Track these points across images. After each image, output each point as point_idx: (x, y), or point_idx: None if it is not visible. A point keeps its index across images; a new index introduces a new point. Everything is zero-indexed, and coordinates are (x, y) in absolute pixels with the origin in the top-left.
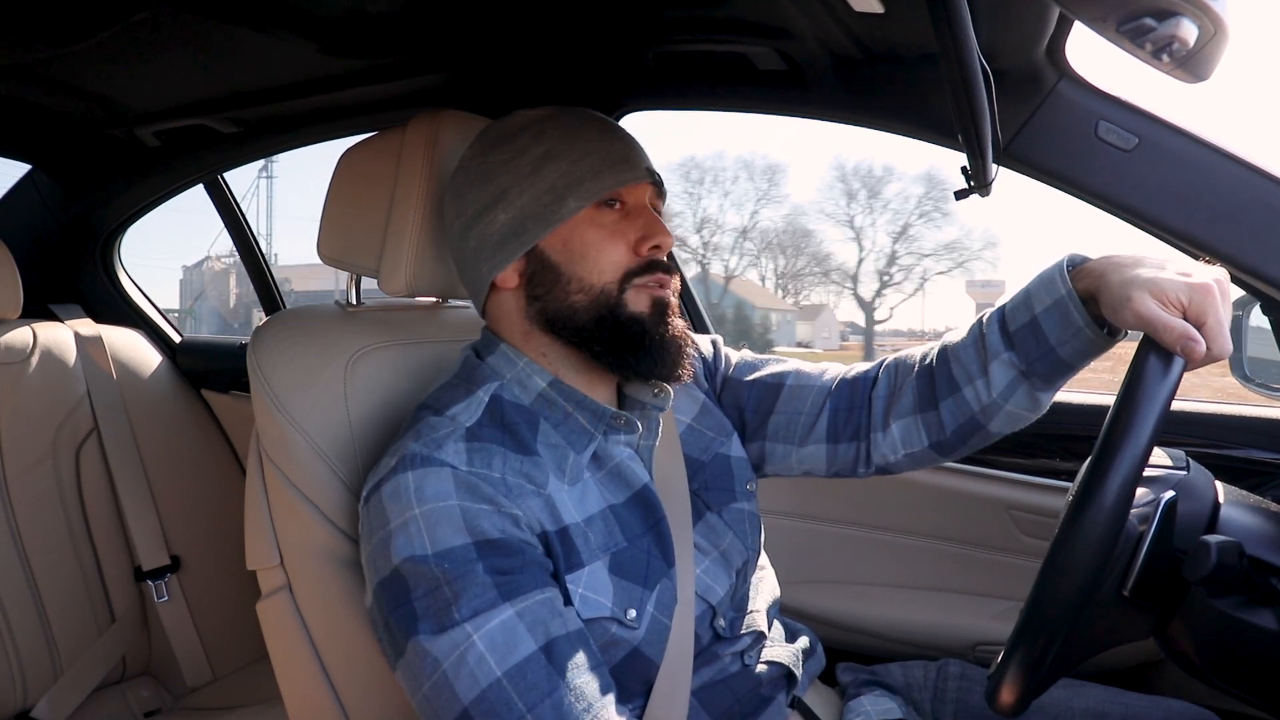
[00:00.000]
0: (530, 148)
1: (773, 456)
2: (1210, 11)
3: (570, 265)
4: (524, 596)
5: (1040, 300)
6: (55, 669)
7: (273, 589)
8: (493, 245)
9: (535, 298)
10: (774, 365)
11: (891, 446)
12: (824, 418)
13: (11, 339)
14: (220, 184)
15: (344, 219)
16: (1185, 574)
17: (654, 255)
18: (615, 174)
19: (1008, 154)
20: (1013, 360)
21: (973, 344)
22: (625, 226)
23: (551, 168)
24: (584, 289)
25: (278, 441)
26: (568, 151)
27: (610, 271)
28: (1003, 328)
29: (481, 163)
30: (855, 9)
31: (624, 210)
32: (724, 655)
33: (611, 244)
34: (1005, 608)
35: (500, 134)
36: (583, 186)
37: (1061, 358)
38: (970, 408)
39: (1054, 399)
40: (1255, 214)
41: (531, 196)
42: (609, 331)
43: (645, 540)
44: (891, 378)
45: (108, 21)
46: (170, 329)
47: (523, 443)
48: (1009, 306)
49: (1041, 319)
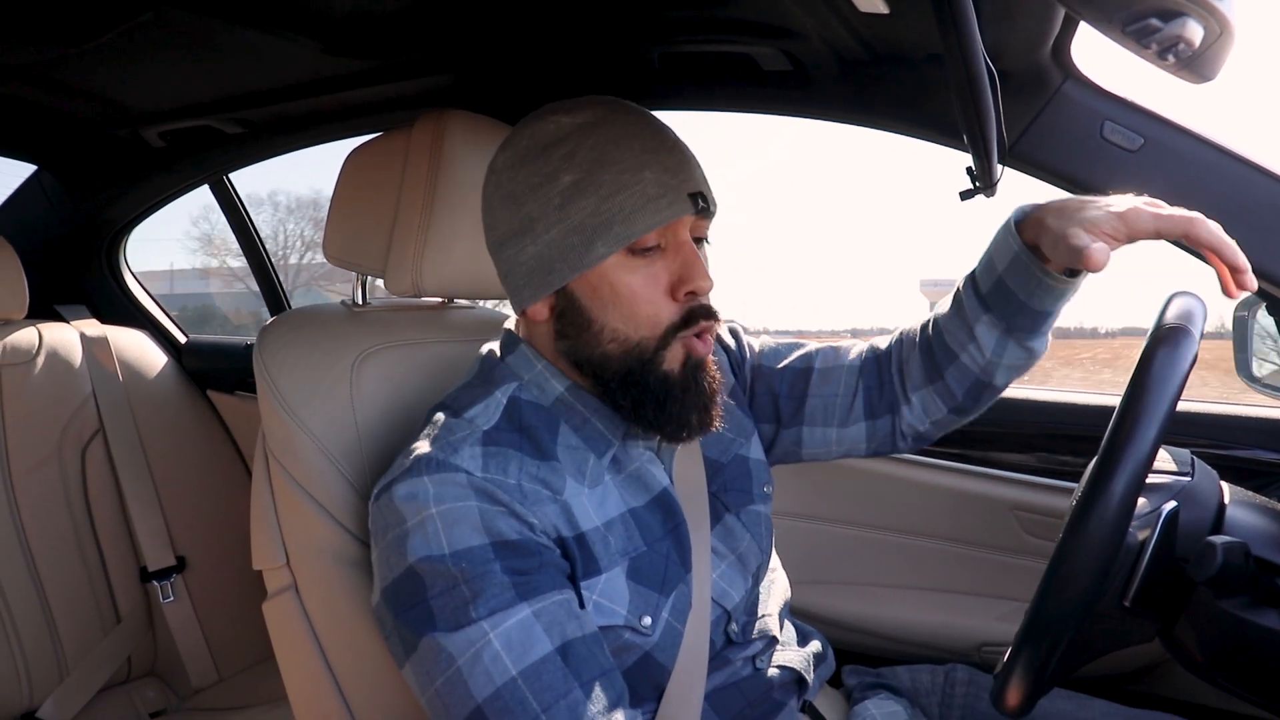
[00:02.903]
0: (560, 174)
1: (811, 441)
2: (1216, 12)
3: (603, 312)
4: (541, 597)
5: (1000, 260)
6: (61, 669)
7: (278, 589)
8: (522, 275)
9: (565, 336)
10: (799, 349)
11: (918, 417)
12: (860, 397)
13: (17, 339)
14: (225, 184)
15: (350, 219)
16: (1191, 574)
17: (691, 301)
18: (647, 216)
19: (1013, 154)
20: (993, 321)
21: (955, 313)
22: (659, 270)
23: (580, 203)
24: (617, 339)
25: (283, 442)
26: (598, 185)
27: (648, 326)
28: (976, 291)
29: (511, 179)
30: (860, 9)
31: (660, 250)
32: (736, 660)
33: (645, 294)
34: (1010, 608)
35: (531, 146)
36: (612, 230)
37: (1035, 309)
38: (971, 371)
39: (1060, 399)
40: (1261, 214)
41: (559, 234)
42: (635, 389)
43: (664, 545)
44: (899, 352)
45: (113, 22)
46: (176, 329)
47: (541, 447)
48: (977, 270)
49: (1005, 278)
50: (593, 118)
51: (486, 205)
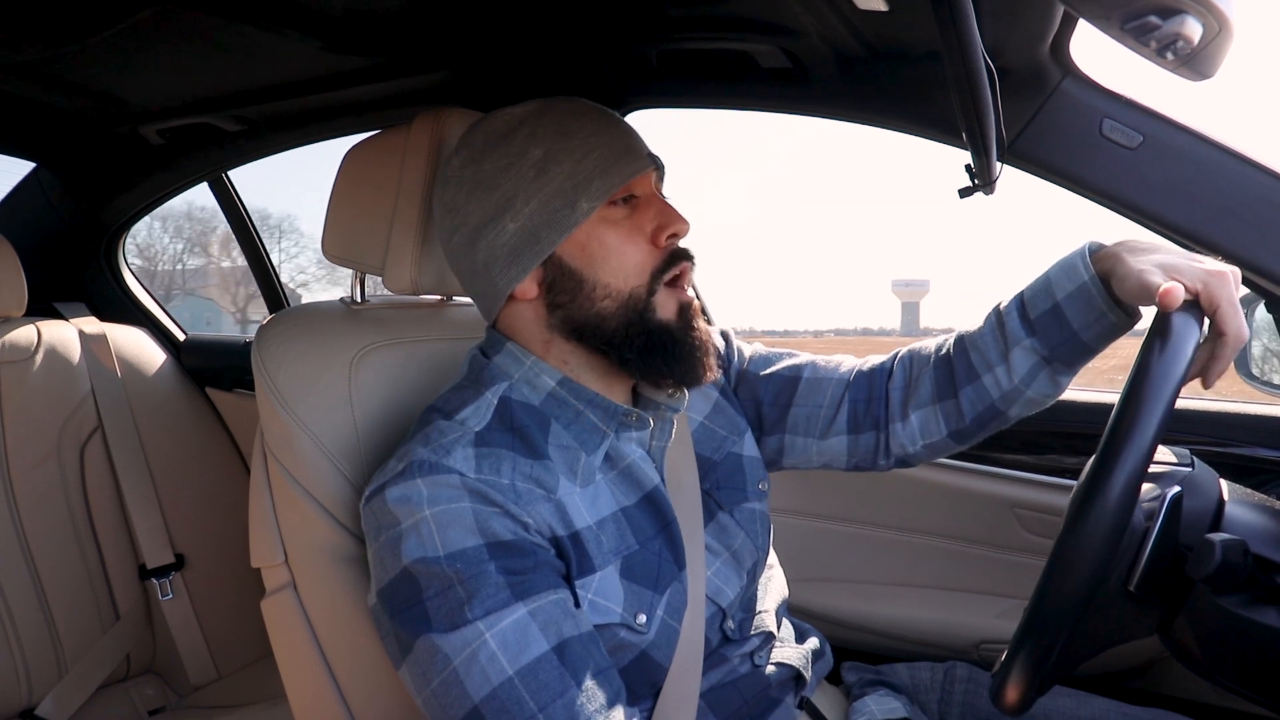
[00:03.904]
0: (528, 149)
1: (792, 450)
2: (1215, 9)
3: (592, 270)
4: (537, 596)
5: (1062, 286)
6: (60, 667)
7: (277, 586)
8: (506, 256)
9: (558, 306)
10: (789, 358)
11: (910, 437)
12: (844, 410)
13: (16, 337)
14: (224, 182)
15: (348, 217)
16: (1190, 572)
17: (672, 244)
18: (622, 167)
19: (1012, 152)
20: (1035, 346)
21: (991, 332)
22: (639, 219)
23: (556, 170)
24: (611, 294)
25: (282, 439)
26: (569, 150)
27: (636, 273)
28: (1023, 314)
29: (476, 171)
30: (860, 7)
31: (634, 202)
32: (733, 657)
33: (631, 242)
34: (1009, 606)
35: (490, 138)
36: (592, 186)
37: (1084, 341)
38: (990, 395)
39: (1060, 397)
40: (1260, 211)
41: (540, 202)
42: (639, 339)
43: (656, 543)
44: (907, 369)
45: (112, 19)
46: (175, 327)
47: (533, 446)
48: (1028, 293)
49: (1064, 304)
50: (540, 105)
51: (448, 206)
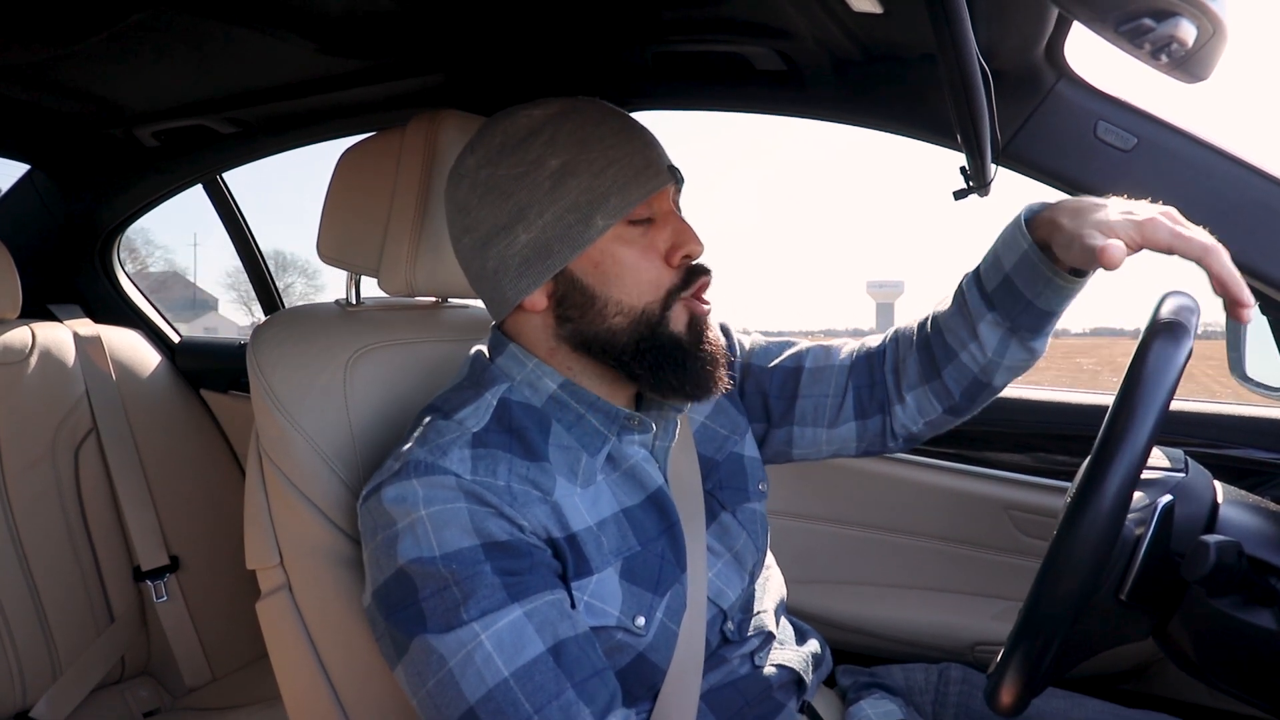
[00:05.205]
0: (545, 159)
1: (801, 440)
2: (1209, 11)
3: (605, 287)
4: (533, 597)
5: (1007, 258)
6: (54, 669)
7: (272, 588)
8: (516, 267)
9: (567, 319)
10: (789, 348)
11: (911, 417)
12: (849, 397)
13: (10, 339)
14: (219, 184)
15: (343, 219)
16: (1184, 574)
17: (686, 264)
18: (640, 184)
19: (1006, 154)
20: (997, 320)
21: (957, 311)
22: (654, 237)
23: (572, 183)
24: (623, 310)
25: (277, 441)
26: (587, 163)
27: (650, 291)
28: (980, 290)
29: (491, 175)
30: (854, 9)
31: (650, 220)
32: (733, 658)
33: (646, 262)
34: (1004, 608)
35: (507, 141)
36: (608, 203)
37: (1041, 308)
38: (971, 370)
39: (1054, 399)
40: (1254, 214)
41: (554, 215)
42: (649, 355)
43: (659, 544)
44: (895, 351)
45: (106, 22)
46: (169, 329)
47: (531, 447)
48: (982, 268)
49: (1013, 276)
50: (561, 108)
51: (460, 207)
